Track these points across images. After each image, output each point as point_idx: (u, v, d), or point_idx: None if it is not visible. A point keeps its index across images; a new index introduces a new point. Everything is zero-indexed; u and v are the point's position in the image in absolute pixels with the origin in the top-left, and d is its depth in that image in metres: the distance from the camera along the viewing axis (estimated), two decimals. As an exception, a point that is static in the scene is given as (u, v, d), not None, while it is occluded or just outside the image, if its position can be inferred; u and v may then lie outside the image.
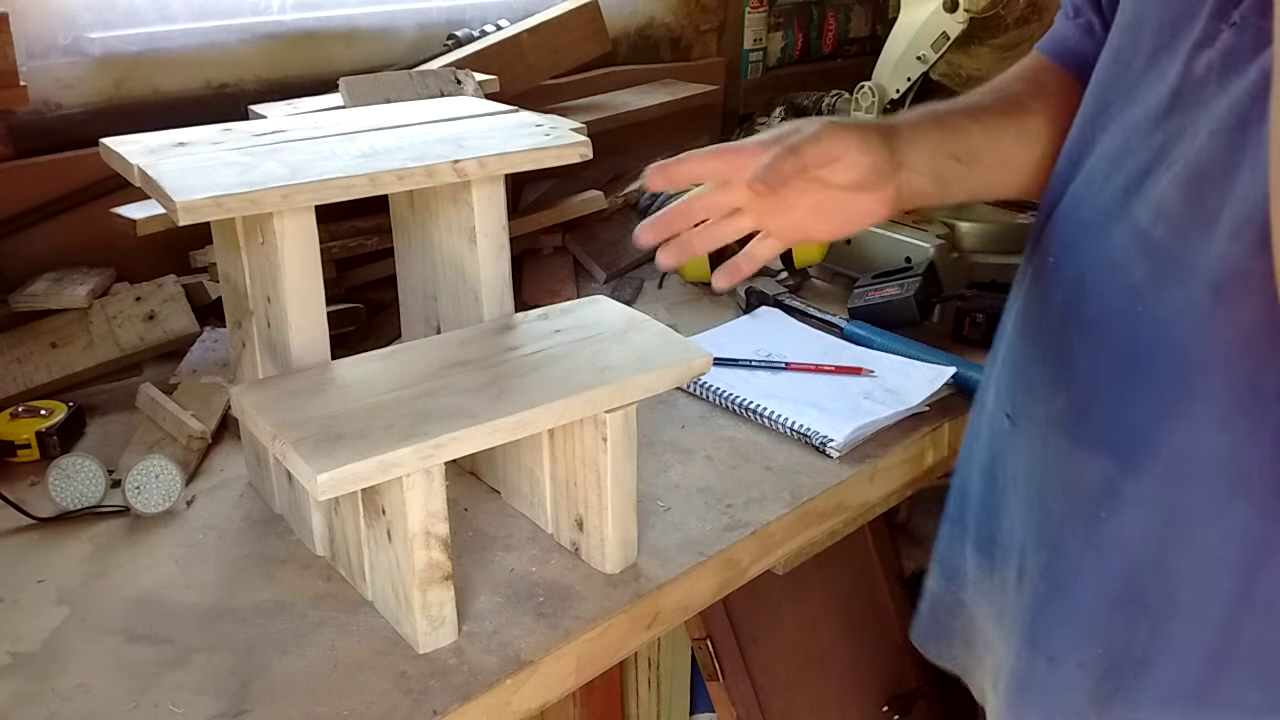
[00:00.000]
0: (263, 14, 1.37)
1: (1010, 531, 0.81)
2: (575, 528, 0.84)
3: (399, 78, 1.18)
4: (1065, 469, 0.74)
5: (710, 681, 1.28)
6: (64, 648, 0.75)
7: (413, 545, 0.72)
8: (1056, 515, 0.74)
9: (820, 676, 1.42)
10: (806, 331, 1.22)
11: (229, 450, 0.99)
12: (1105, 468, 0.70)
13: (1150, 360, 0.67)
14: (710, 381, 1.08)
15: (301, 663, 0.73)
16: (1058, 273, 0.75)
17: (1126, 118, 0.71)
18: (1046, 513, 0.76)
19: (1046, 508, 0.76)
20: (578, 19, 1.50)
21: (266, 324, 0.83)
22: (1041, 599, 0.76)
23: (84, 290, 1.14)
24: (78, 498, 0.89)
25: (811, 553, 0.99)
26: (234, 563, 0.84)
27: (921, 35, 1.42)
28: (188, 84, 1.31)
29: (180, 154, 0.81)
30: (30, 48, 1.19)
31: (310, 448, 0.68)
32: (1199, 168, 0.63)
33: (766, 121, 1.81)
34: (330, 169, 0.78)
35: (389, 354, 0.82)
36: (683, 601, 0.85)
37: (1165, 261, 0.65)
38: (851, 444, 1.00)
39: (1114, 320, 0.69)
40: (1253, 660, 0.66)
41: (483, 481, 0.95)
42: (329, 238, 1.18)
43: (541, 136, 0.88)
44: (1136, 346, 0.67)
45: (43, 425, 0.97)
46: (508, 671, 0.73)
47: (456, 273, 0.89)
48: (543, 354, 0.81)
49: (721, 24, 1.90)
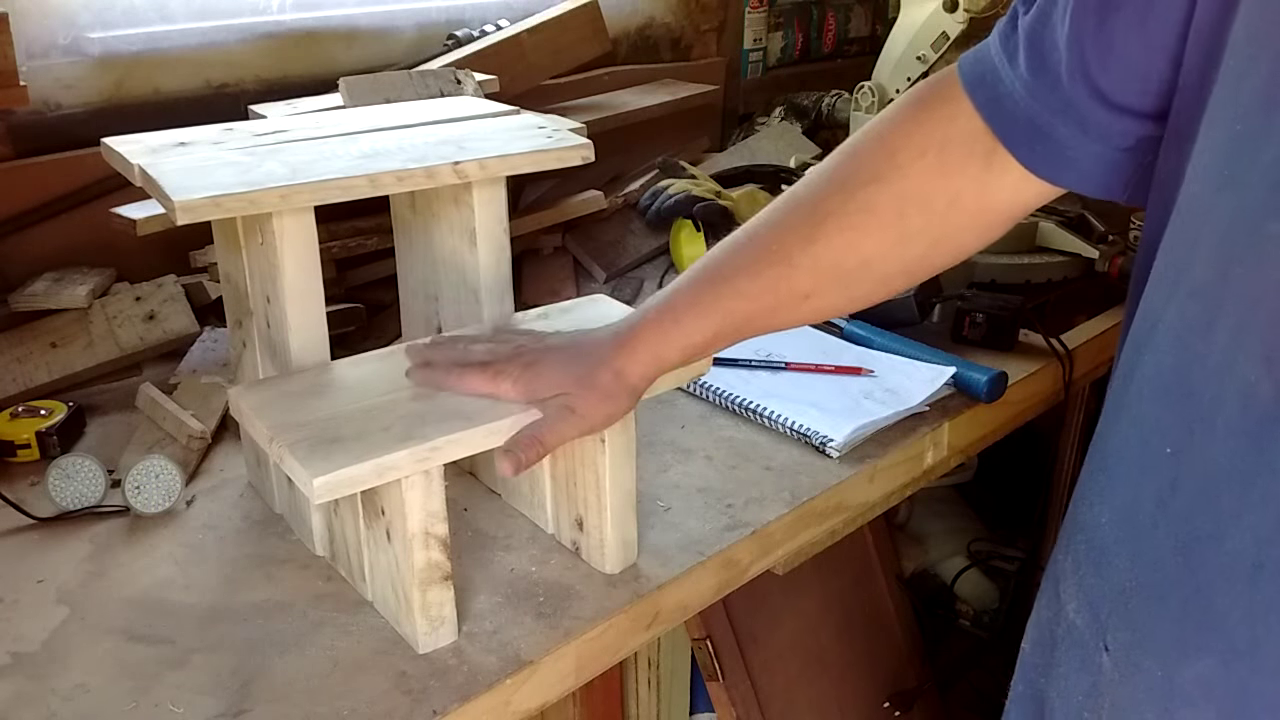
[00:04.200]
0: (262, 14, 1.37)
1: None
2: (575, 527, 0.84)
3: (399, 78, 1.18)
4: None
5: (710, 681, 1.28)
6: (64, 648, 0.75)
7: (412, 545, 0.72)
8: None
9: (820, 676, 1.42)
10: (806, 331, 1.22)
11: (229, 450, 0.99)
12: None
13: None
14: (710, 381, 1.08)
15: (301, 663, 0.73)
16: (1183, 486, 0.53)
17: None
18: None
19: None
20: (578, 19, 1.50)
21: (266, 324, 0.83)
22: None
23: (84, 290, 1.14)
24: (78, 498, 0.89)
25: (811, 553, 0.99)
26: (234, 563, 0.84)
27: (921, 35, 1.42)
28: (188, 84, 1.31)
29: (181, 154, 0.81)
30: (30, 48, 1.19)
31: (307, 451, 0.68)
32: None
33: (766, 121, 1.81)
34: (330, 169, 0.78)
35: (388, 354, 0.82)
36: (682, 601, 0.85)
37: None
38: (851, 444, 1.00)
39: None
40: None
41: (482, 482, 0.95)
42: (329, 238, 1.18)
43: (543, 139, 0.88)
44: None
45: (43, 425, 0.97)
46: (507, 671, 0.73)
47: (457, 273, 0.89)
48: (542, 354, 0.81)
49: (721, 24, 1.90)
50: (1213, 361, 0.51)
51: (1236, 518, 0.50)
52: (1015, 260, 1.32)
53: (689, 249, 1.33)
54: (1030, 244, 1.34)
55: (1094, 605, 0.60)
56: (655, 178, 1.48)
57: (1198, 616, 0.52)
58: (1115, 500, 0.59)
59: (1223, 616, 0.51)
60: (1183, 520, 0.53)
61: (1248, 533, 0.49)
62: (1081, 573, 0.62)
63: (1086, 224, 1.36)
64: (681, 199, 1.34)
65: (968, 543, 1.71)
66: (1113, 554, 0.58)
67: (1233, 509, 0.50)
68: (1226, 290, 0.50)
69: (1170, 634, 0.54)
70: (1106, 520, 0.59)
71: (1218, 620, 0.51)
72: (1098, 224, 1.35)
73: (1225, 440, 0.50)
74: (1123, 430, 0.59)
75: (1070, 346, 1.19)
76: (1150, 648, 0.55)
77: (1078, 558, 0.62)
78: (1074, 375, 1.18)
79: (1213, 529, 0.51)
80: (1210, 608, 0.51)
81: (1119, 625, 0.57)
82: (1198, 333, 0.52)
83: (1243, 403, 0.49)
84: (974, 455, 1.26)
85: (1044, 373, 1.17)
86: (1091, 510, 0.61)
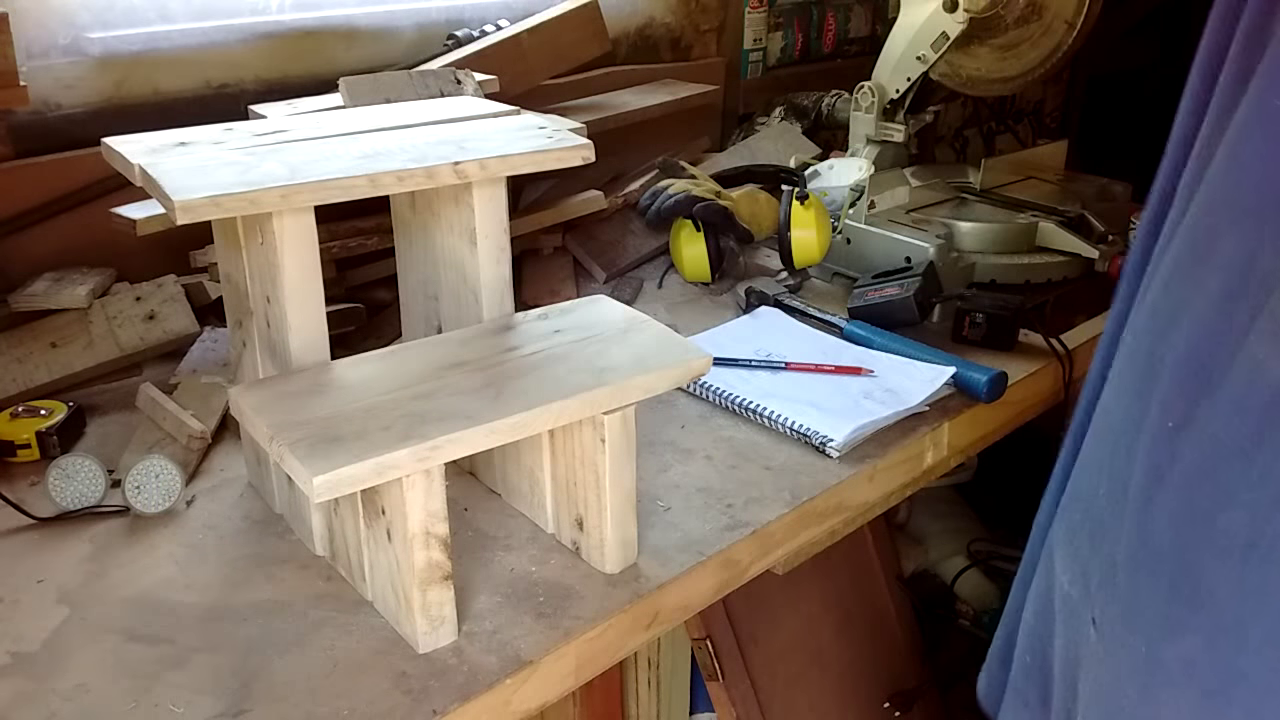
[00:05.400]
0: (262, 14, 1.37)
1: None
2: (575, 527, 0.84)
3: (399, 78, 1.18)
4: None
5: (710, 681, 1.28)
6: (64, 648, 0.75)
7: (412, 545, 0.72)
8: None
9: (820, 676, 1.42)
10: (806, 331, 1.22)
11: (229, 450, 0.99)
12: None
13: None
14: (710, 381, 1.08)
15: (301, 663, 0.73)
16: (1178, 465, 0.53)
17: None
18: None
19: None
20: (578, 19, 1.50)
21: (266, 324, 0.83)
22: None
23: (84, 290, 1.14)
24: (78, 498, 0.89)
25: (811, 553, 0.99)
26: (234, 563, 0.84)
27: (921, 35, 1.42)
28: (188, 84, 1.31)
29: (181, 154, 0.82)
30: (30, 48, 1.19)
31: (307, 450, 0.68)
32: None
33: (766, 121, 1.81)
34: (330, 169, 0.78)
35: (388, 354, 0.82)
36: (682, 601, 0.85)
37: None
38: (851, 444, 1.00)
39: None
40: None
41: (482, 482, 0.95)
42: (329, 238, 1.18)
43: (544, 139, 0.88)
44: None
45: (43, 425, 0.97)
46: (507, 671, 0.73)
47: (457, 273, 0.89)
48: (542, 354, 0.81)
49: (721, 24, 1.90)
50: (1226, 338, 0.51)
51: (1233, 494, 0.50)
52: (1015, 260, 1.32)
53: (689, 249, 1.33)
54: (1030, 244, 1.34)
55: (1086, 576, 0.60)
56: (655, 178, 1.47)
57: (1186, 593, 0.52)
58: (1114, 473, 0.58)
59: (1211, 594, 0.51)
60: (1179, 494, 0.53)
61: (1243, 510, 0.49)
62: (1076, 543, 0.62)
63: (1086, 224, 1.36)
64: (681, 199, 1.34)
65: (968, 543, 1.71)
66: (1107, 525, 0.58)
67: (1230, 485, 0.50)
68: (1252, 271, 0.50)
69: (1157, 610, 0.54)
70: (1104, 491, 0.59)
71: (1206, 597, 0.51)
72: (1098, 224, 1.35)
73: (1229, 417, 0.50)
74: (1129, 405, 0.58)
75: (1070, 346, 1.19)
76: (1136, 624, 0.55)
77: (1072, 527, 0.62)
78: (1074, 375, 1.18)
79: (1209, 505, 0.51)
80: (1199, 585, 0.51)
81: (1107, 599, 0.57)
82: (1217, 308, 0.52)
83: (1249, 379, 0.49)
84: (974, 455, 1.26)
85: (1044, 373, 1.17)
86: (1090, 480, 0.61)
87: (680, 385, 0.90)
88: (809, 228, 1.31)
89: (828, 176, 1.52)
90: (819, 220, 1.32)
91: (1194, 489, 0.52)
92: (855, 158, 1.53)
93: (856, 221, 1.35)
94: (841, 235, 1.36)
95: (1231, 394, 0.50)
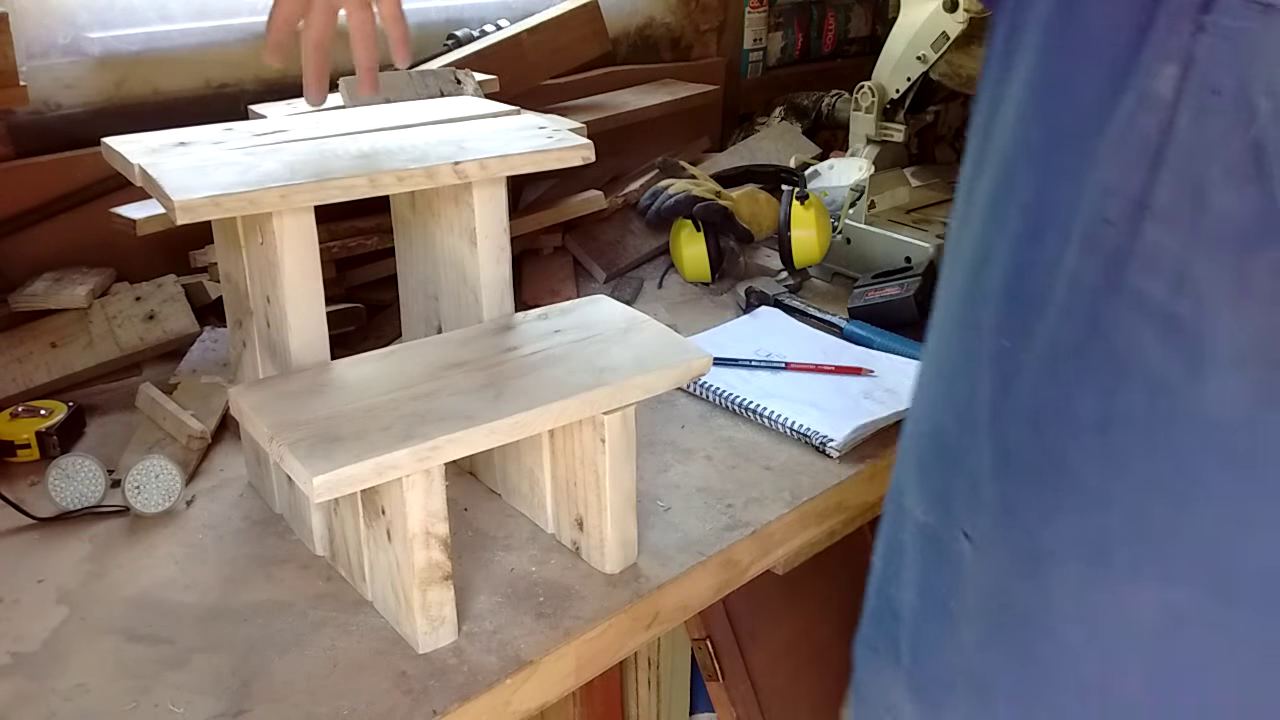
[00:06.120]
0: (262, 14, 1.36)
1: (976, 676, 0.64)
2: (575, 527, 0.84)
3: (399, 77, 1.18)
4: (1091, 603, 0.57)
5: (710, 681, 1.28)
6: (64, 648, 0.75)
7: (412, 545, 0.72)
8: (1066, 655, 0.59)
9: (820, 676, 1.42)
10: (806, 331, 1.22)
11: (229, 450, 0.99)
12: (1171, 599, 0.54)
13: (1204, 465, 0.52)
14: (710, 381, 1.08)
15: (301, 663, 0.73)
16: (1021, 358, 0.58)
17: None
18: (1034, 658, 0.60)
19: (1035, 649, 0.60)
20: (578, 19, 1.50)
21: (266, 324, 0.83)
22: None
23: (84, 290, 1.14)
24: (78, 498, 0.89)
25: (811, 552, 0.99)
26: (234, 563, 0.84)
27: (921, 35, 1.42)
28: (187, 84, 1.31)
29: (181, 153, 0.82)
30: (30, 48, 1.19)
31: (307, 450, 0.68)
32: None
33: (766, 121, 1.81)
34: (330, 169, 0.78)
35: (388, 354, 0.82)
36: (682, 601, 0.85)
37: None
38: (851, 444, 1.00)
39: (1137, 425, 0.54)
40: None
41: (482, 482, 0.95)
42: (329, 238, 1.18)
43: (543, 139, 0.88)
44: (1179, 452, 0.52)
45: (43, 425, 0.97)
46: (507, 671, 0.73)
47: (457, 273, 0.89)
48: (542, 354, 0.81)
49: (721, 24, 1.90)
50: (1042, 263, 0.56)
51: (1079, 383, 0.55)
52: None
53: (689, 249, 1.33)
54: (1030, 244, 1.34)
55: (945, 502, 0.64)
56: (655, 178, 1.48)
57: (1055, 480, 0.57)
58: (957, 400, 0.63)
59: (1076, 473, 0.56)
60: (1029, 397, 0.58)
61: (1090, 395, 0.54)
62: (928, 476, 0.66)
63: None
64: (681, 199, 1.34)
65: (968, 543, 1.71)
66: (962, 449, 0.62)
67: (1074, 376, 0.55)
68: (1052, 204, 0.56)
69: (1031, 503, 0.58)
70: (950, 420, 0.64)
71: (1073, 478, 0.56)
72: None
73: (1059, 321, 0.55)
74: (958, 337, 0.63)
75: (1070, 346, 1.19)
76: (1013, 520, 0.59)
77: (923, 465, 0.67)
78: (1074, 375, 1.18)
79: (1057, 396, 0.56)
80: (1065, 469, 0.56)
81: (976, 509, 0.61)
82: (1028, 241, 0.57)
83: (1069, 288, 0.55)
84: (974, 455, 1.26)
85: (1044, 373, 1.17)
86: (932, 417, 0.66)
87: (680, 385, 0.90)
88: (809, 228, 1.31)
89: (828, 176, 1.52)
90: (819, 220, 1.32)
91: (1042, 390, 0.57)
92: (855, 158, 1.53)
93: (856, 221, 1.35)
94: (841, 235, 1.36)
95: (1058, 306, 0.55)
